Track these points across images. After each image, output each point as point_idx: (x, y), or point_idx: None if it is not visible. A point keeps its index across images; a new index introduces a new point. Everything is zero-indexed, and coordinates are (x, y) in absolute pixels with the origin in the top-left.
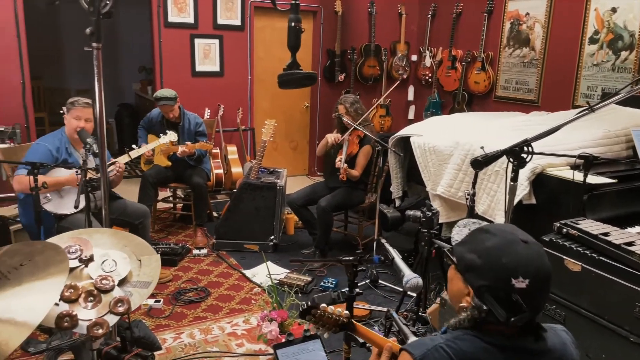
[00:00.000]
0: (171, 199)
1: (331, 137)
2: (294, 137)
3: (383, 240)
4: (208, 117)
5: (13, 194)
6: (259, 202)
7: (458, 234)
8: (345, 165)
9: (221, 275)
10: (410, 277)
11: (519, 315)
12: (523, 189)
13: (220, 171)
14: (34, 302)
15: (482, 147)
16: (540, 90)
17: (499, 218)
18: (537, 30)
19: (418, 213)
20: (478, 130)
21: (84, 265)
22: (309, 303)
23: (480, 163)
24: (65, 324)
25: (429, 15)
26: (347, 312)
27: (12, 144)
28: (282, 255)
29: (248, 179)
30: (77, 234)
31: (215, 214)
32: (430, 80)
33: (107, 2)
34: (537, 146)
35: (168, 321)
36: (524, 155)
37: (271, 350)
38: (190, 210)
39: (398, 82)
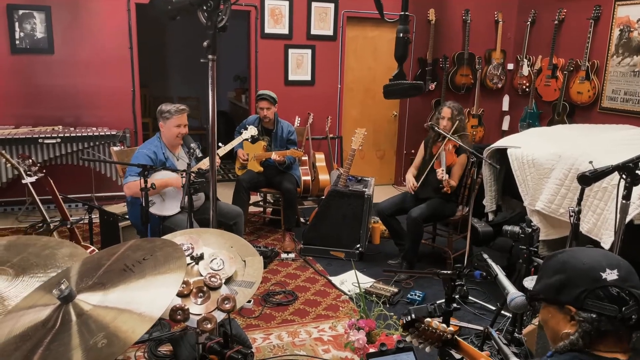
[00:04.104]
0: (261, 203)
1: (410, 183)
2: (381, 146)
3: (485, 256)
4: (298, 124)
5: (123, 193)
6: (346, 210)
7: (530, 282)
8: (447, 176)
9: (308, 280)
10: (515, 295)
11: (627, 305)
12: (635, 208)
13: (308, 178)
14: (155, 295)
15: (590, 162)
16: None
17: (606, 238)
18: None
19: (516, 229)
20: (583, 144)
21: (194, 263)
22: (413, 316)
23: (588, 179)
24: (178, 316)
25: (528, 22)
26: (451, 328)
27: (122, 147)
28: (367, 264)
29: (336, 186)
30: (188, 233)
31: (302, 219)
32: (527, 89)
33: (224, 17)
34: None
35: (258, 321)
36: (639, 172)
37: (357, 359)
38: (279, 215)
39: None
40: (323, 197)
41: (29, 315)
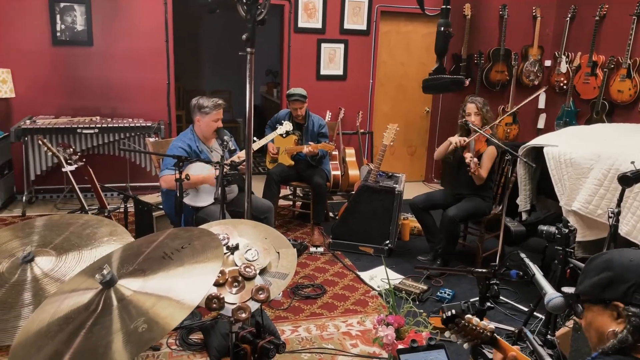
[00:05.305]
0: (291, 196)
1: (455, 139)
2: (412, 142)
3: (522, 255)
4: (329, 119)
5: (157, 184)
6: (376, 206)
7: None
8: (476, 159)
9: (336, 274)
10: (553, 296)
11: None
12: None
13: (338, 173)
14: (193, 283)
15: (632, 162)
16: None
17: None
18: None
19: (552, 229)
20: (623, 143)
21: (230, 253)
22: (454, 311)
23: (629, 179)
24: (214, 305)
25: (567, 18)
26: (492, 326)
27: (157, 138)
28: (396, 260)
29: (367, 182)
30: (224, 224)
31: (331, 214)
32: (565, 87)
33: (263, 10)
34: None
35: (286, 313)
36: None
37: (385, 354)
38: (308, 209)
39: (541, 91)
40: (352, 192)
41: (72, 298)
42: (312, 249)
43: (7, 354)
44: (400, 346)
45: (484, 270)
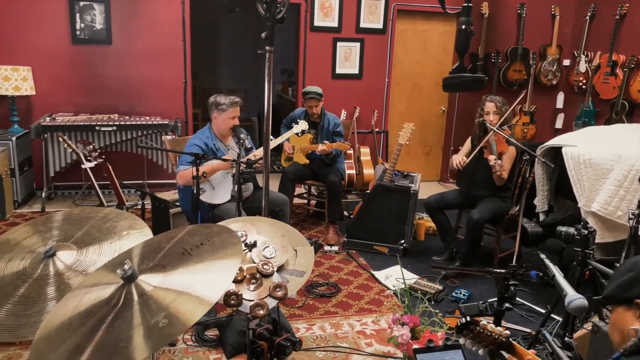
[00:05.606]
0: (305, 195)
1: (456, 160)
2: (427, 142)
3: (542, 256)
4: (344, 118)
5: (174, 181)
6: (391, 205)
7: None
8: (500, 161)
9: (351, 273)
10: (574, 297)
11: None
12: None
13: (353, 172)
14: (213, 279)
15: None
16: None
17: None
18: None
19: (571, 230)
20: None
21: (247, 250)
22: (468, 318)
23: None
24: (232, 301)
25: (587, 17)
26: (507, 331)
27: (174, 136)
28: (411, 260)
29: (382, 181)
30: (242, 221)
31: (346, 213)
32: (584, 87)
33: (282, 8)
34: None
35: (301, 311)
36: None
37: (400, 354)
38: (323, 207)
39: (523, 92)
40: (367, 191)
41: (93, 292)
42: (327, 248)
43: (27, 347)
44: (415, 346)
45: (503, 270)
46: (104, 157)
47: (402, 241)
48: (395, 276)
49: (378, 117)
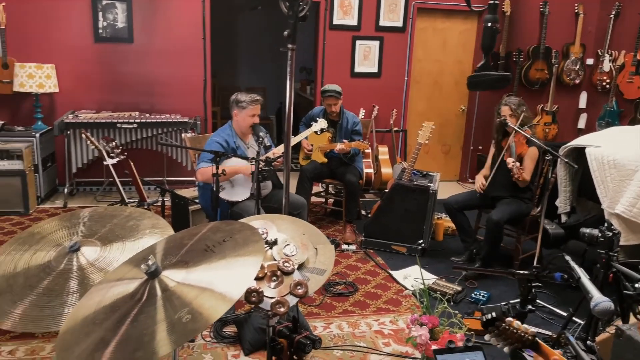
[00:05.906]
0: (323, 194)
1: (477, 183)
2: (447, 141)
3: (568, 258)
4: (363, 117)
5: (193, 178)
6: (410, 205)
7: None
8: (518, 164)
9: (368, 272)
10: (600, 300)
11: None
12: None
13: (371, 171)
14: (235, 276)
15: None
16: None
17: None
18: None
19: (595, 232)
20: None
21: (268, 247)
22: (494, 314)
23: None
24: (253, 298)
25: (611, 16)
26: (533, 330)
27: (193, 134)
28: (429, 260)
29: (401, 180)
30: (262, 218)
31: (363, 212)
32: (608, 86)
33: (304, 6)
34: None
35: (319, 310)
36: None
37: (418, 354)
38: (340, 206)
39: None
40: (385, 191)
41: (117, 287)
42: (344, 247)
43: (49, 340)
44: (434, 347)
45: (526, 272)
46: (126, 154)
47: (421, 241)
48: (413, 276)
49: (397, 115)
